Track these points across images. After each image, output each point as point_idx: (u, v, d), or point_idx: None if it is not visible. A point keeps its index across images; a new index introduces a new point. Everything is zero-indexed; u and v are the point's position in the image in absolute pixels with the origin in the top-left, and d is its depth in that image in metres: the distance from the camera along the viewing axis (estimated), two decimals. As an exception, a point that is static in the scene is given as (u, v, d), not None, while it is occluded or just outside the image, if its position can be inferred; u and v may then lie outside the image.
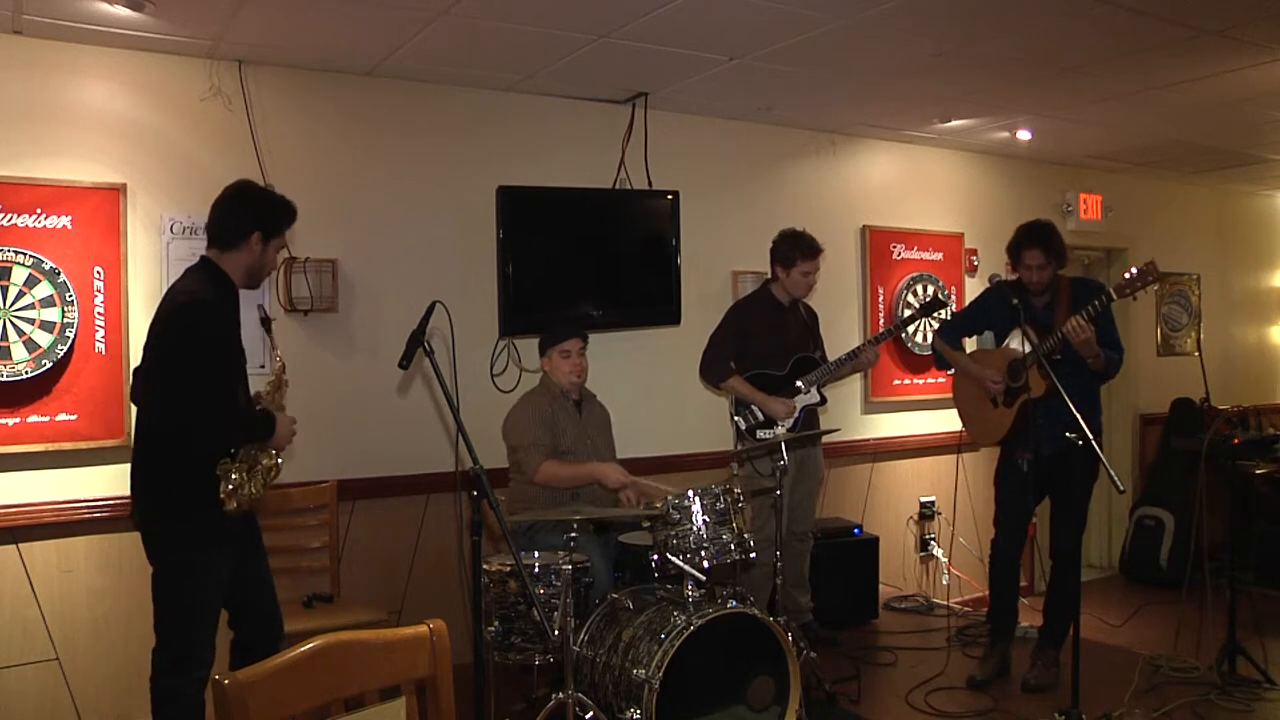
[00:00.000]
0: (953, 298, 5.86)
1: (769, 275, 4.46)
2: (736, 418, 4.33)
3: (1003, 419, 3.95)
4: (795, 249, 4.25)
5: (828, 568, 4.66)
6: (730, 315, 4.42)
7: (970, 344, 4.33)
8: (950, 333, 4.28)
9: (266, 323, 3.07)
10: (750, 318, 4.35)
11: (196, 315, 2.72)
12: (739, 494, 3.42)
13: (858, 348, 4.34)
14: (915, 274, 5.73)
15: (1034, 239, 3.84)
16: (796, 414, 4.23)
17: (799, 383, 4.23)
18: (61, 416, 3.53)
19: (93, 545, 3.63)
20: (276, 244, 2.93)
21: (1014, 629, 4.12)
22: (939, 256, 5.88)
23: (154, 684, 2.78)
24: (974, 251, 6.02)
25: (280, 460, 2.89)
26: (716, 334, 4.38)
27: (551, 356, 3.88)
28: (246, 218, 2.86)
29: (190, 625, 2.75)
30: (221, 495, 2.70)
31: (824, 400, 4.34)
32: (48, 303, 3.47)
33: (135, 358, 3.65)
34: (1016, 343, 3.84)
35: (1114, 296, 3.59)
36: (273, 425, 2.83)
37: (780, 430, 4.17)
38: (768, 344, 4.29)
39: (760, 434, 4.25)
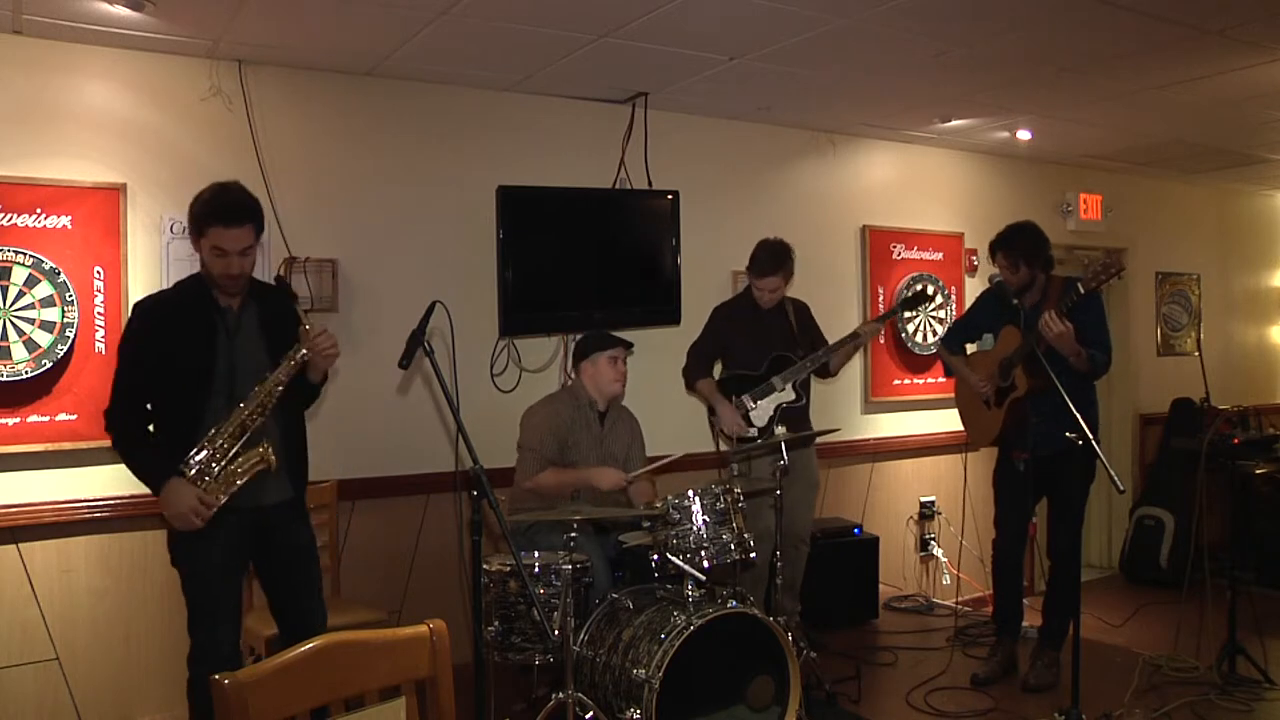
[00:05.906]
0: (953, 298, 5.86)
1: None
2: (712, 418, 4.35)
3: (995, 420, 3.97)
4: (753, 264, 4.18)
5: (828, 568, 4.66)
6: (710, 319, 4.41)
7: (971, 348, 4.33)
8: (951, 339, 4.32)
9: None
10: (729, 320, 4.33)
11: (132, 314, 2.86)
12: (739, 494, 3.42)
13: (856, 329, 4.25)
14: (915, 274, 5.73)
15: (998, 242, 3.96)
16: (748, 431, 4.16)
17: (774, 379, 4.17)
18: (61, 416, 3.53)
19: (93, 545, 3.63)
20: (206, 243, 2.74)
21: (1019, 628, 4.13)
22: (939, 256, 5.88)
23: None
24: (974, 251, 6.01)
25: (268, 455, 2.75)
26: (698, 338, 4.40)
27: (597, 362, 3.79)
28: None
29: (192, 608, 2.83)
30: None
31: (799, 397, 4.18)
32: (48, 303, 3.47)
33: (135, 358, 3.68)
34: None
35: (1082, 291, 3.59)
36: (155, 477, 2.72)
37: (748, 433, 4.17)
38: (745, 345, 4.27)
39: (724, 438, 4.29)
